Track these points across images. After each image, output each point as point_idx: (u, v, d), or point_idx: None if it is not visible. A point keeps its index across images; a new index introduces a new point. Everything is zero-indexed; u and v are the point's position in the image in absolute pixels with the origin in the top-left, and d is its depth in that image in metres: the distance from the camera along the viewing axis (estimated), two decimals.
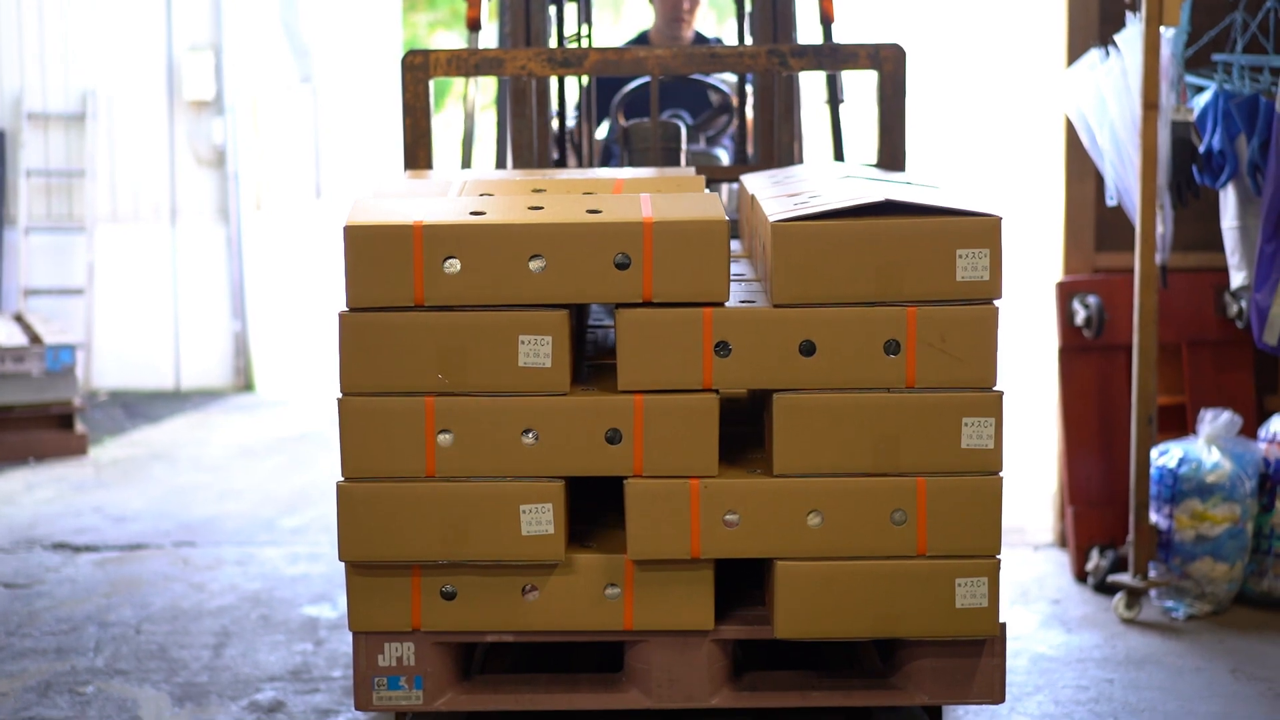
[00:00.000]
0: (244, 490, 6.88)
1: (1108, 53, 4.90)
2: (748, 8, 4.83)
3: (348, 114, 11.17)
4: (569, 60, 3.69)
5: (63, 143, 9.11)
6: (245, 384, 9.28)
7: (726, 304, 2.73)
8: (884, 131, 3.58)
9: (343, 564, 2.76)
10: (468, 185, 3.07)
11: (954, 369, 2.72)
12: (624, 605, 2.80)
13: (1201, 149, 4.83)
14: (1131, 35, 4.76)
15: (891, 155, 3.58)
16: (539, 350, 2.70)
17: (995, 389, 2.74)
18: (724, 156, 5.16)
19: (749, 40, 4.80)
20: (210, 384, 9.29)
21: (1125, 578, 4.78)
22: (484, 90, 5.59)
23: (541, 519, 2.73)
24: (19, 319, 8.24)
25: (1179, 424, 5.29)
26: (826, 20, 4.40)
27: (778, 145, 4.35)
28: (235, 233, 9.13)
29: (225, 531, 6.09)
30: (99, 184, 9.10)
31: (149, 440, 7.99)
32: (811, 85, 5.81)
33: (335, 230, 10.39)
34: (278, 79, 9.62)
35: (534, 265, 2.69)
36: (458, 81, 10.60)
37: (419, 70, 3.56)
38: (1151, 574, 4.81)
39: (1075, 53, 5.26)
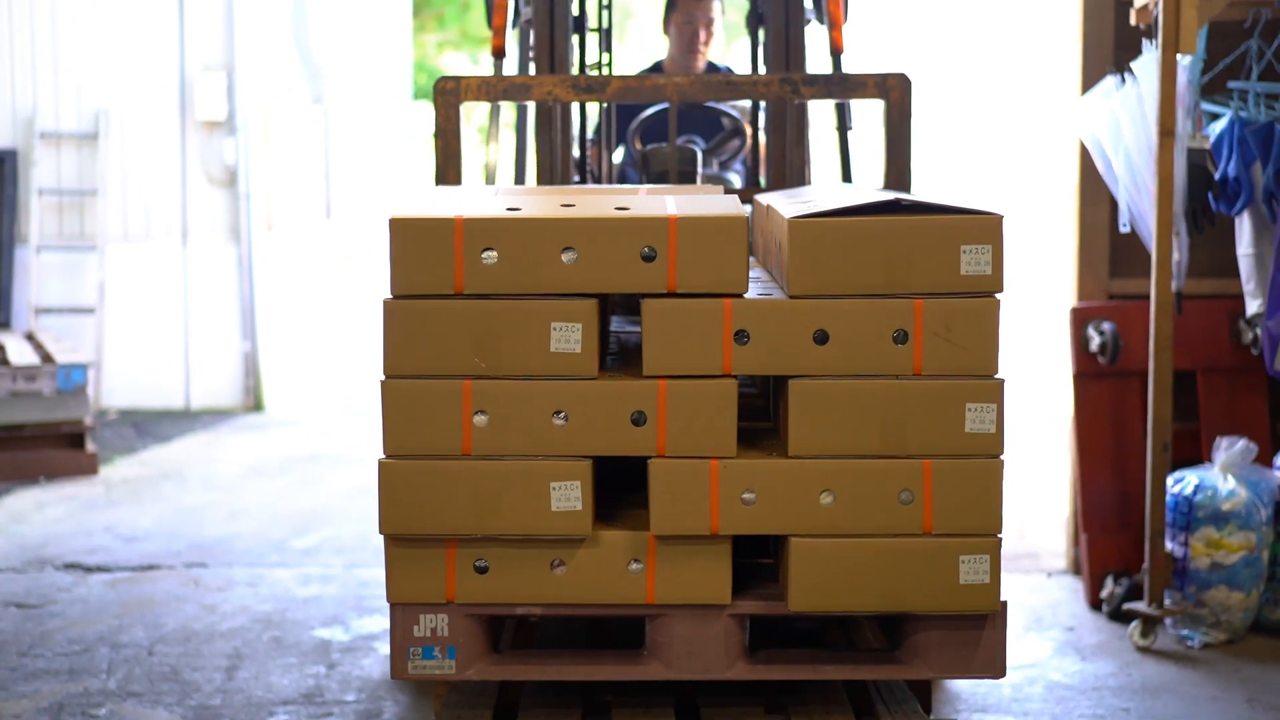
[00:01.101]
0: (254, 510, 7.08)
1: (1123, 79, 5.04)
2: (761, 38, 5.15)
3: (359, 134, 11.49)
4: (592, 87, 4.02)
5: (75, 162, 9.43)
6: (255, 404, 9.56)
7: (745, 295, 3.03)
8: (890, 156, 3.90)
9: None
10: (500, 194, 3.38)
11: (958, 357, 3.02)
12: (646, 580, 3.08)
13: (1217, 176, 4.95)
14: (1148, 62, 4.89)
15: (897, 179, 3.91)
16: (570, 336, 3.00)
17: (997, 376, 3.04)
18: (736, 180, 5.48)
19: (761, 68, 5.12)
20: (220, 404, 9.58)
21: (1140, 606, 4.87)
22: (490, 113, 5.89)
23: (570, 496, 3.03)
24: (30, 337, 8.54)
25: (1193, 451, 5.39)
26: (836, 52, 4.73)
27: (790, 168, 4.66)
28: (246, 252, 9.43)
29: (236, 552, 6.26)
30: (110, 203, 9.41)
31: (159, 459, 8.25)
32: (820, 112, 6.12)
33: (345, 250, 10.66)
34: (290, 99, 9.95)
35: (566, 257, 2.99)
36: (471, 107, 10.93)
37: (450, 95, 3.89)
38: (1167, 602, 4.90)
39: (1090, 79, 5.42)
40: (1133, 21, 5.06)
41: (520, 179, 5.16)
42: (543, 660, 3.21)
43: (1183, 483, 4.95)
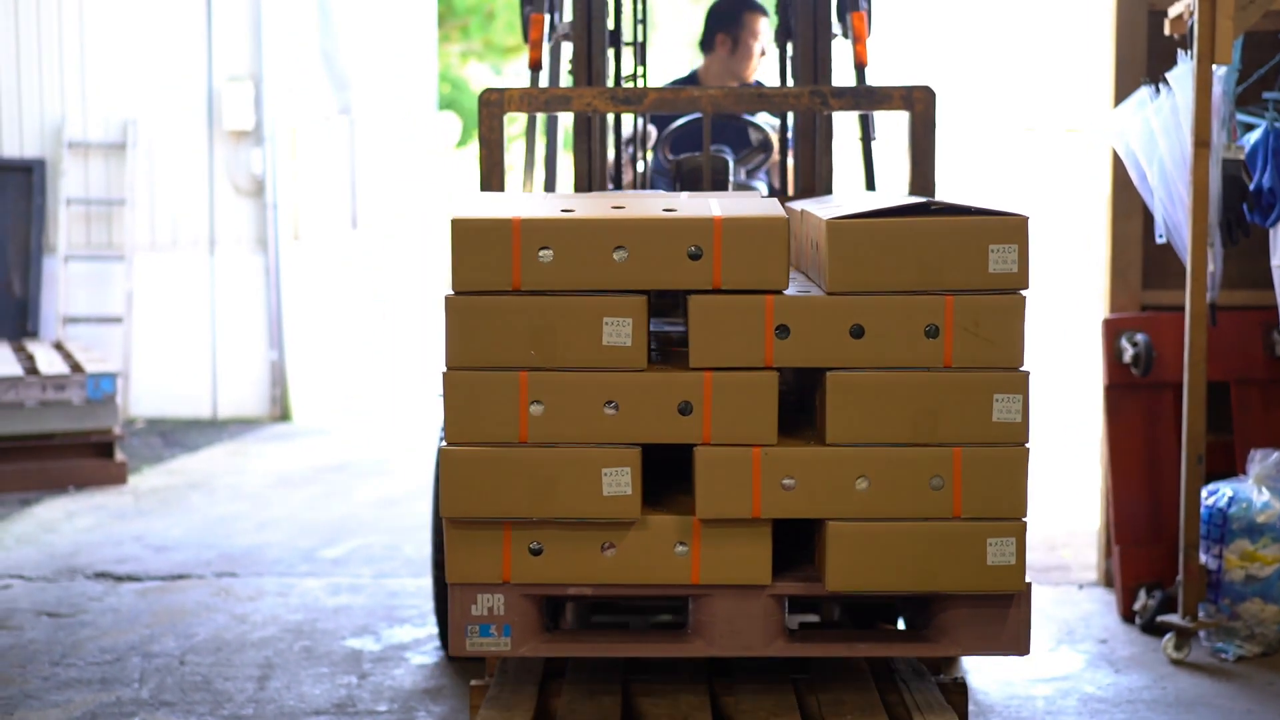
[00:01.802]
0: (283, 520, 7.30)
1: (1158, 90, 5.18)
2: (789, 52, 5.45)
3: (384, 145, 11.80)
4: (630, 98, 4.31)
5: (103, 172, 9.75)
6: (282, 413, 9.85)
7: (785, 292, 3.31)
8: (915, 165, 4.19)
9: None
10: (551, 198, 3.67)
11: (986, 351, 3.29)
12: (691, 561, 3.36)
13: (1251, 187, 5.08)
14: (1183, 73, 5.03)
15: (922, 187, 4.19)
16: (620, 331, 3.28)
17: (1022, 369, 3.31)
18: (761, 188, 5.76)
19: (789, 81, 5.41)
20: (246, 413, 9.87)
21: (1174, 618, 5.00)
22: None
23: (620, 481, 3.30)
24: (58, 347, 8.83)
25: (1226, 463, 5.52)
26: (860, 66, 5.02)
27: (817, 176, 4.95)
28: (273, 262, 9.73)
29: (265, 562, 6.47)
30: (138, 213, 9.73)
31: (187, 469, 8.51)
32: (843, 124, 6.40)
33: (372, 260, 10.93)
34: (316, 109, 10.25)
35: (617, 255, 3.28)
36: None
37: (495, 106, 4.18)
38: (1201, 615, 5.01)
39: (1122, 89, 5.57)
40: (1167, 32, 5.21)
41: (550, 186, 5.45)
42: (591, 638, 3.49)
43: (1217, 495, 5.07)
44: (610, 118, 5.40)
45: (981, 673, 4.90)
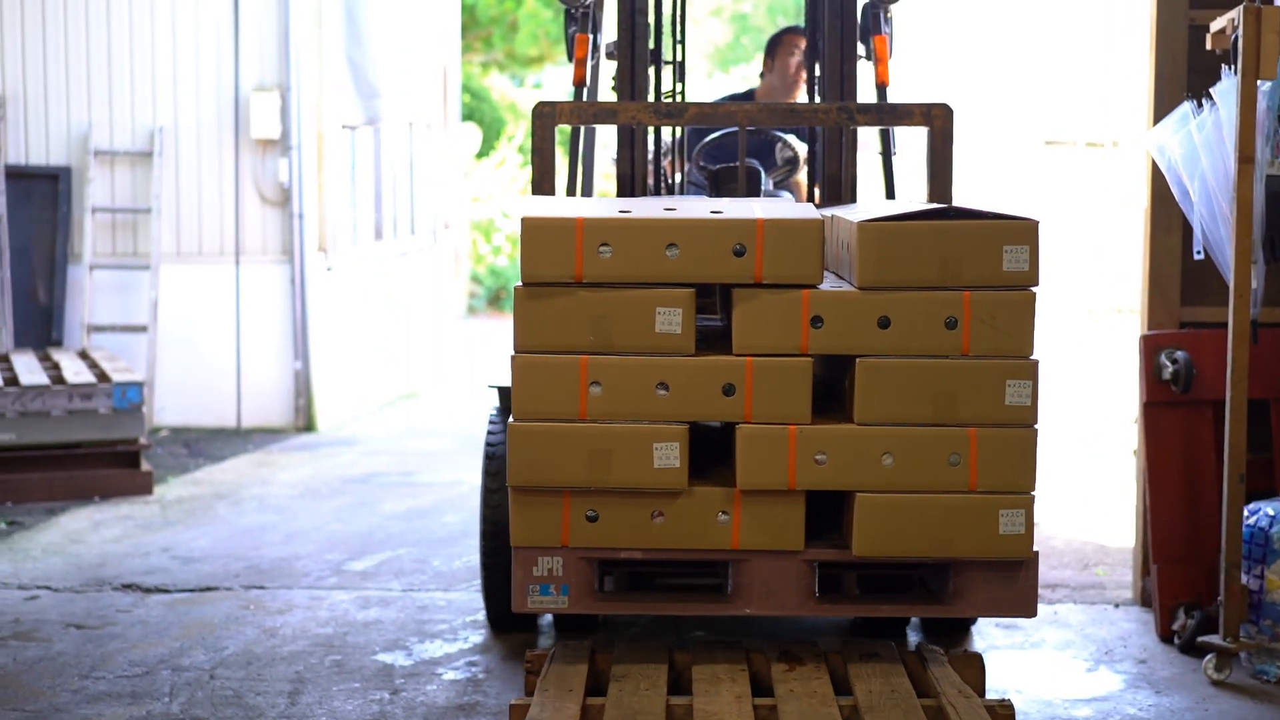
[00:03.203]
0: (310, 531, 7.62)
1: (1200, 105, 5.40)
2: (818, 72, 6.16)
3: (410, 155, 12.47)
4: (672, 112, 5.00)
5: (129, 180, 10.40)
6: (306, 423, 10.47)
7: (820, 287, 3.97)
8: (933, 175, 4.86)
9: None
10: (607, 202, 4.35)
11: (1000, 341, 3.96)
12: (732, 528, 4.02)
13: None
14: (1227, 87, 5.22)
15: (940, 195, 4.87)
16: (671, 320, 3.95)
17: (1032, 358, 3.98)
18: (789, 197, 6.46)
19: (817, 99, 6.13)
20: (271, 423, 10.48)
21: (1215, 639, 5.18)
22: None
23: (670, 455, 3.97)
24: (84, 355, 9.34)
25: (1265, 482, 5.74)
26: (881, 85, 5.72)
27: (843, 186, 5.64)
28: (298, 272, 10.36)
29: (294, 574, 6.74)
30: (164, 222, 10.35)
31: (213, 479, 8.89)
32: (865, 138, 7.12)
33: (396, 272, 11.58)
34: (343, 119, 10.91)
35: (669, 252, 3.95)
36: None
37: (547, 118, 4.87)
38: (1242, 636, 5.18)
39: (1161, 103, 5.84)
40: (1209, 46, 5.46)
41: (588, 191, 6.15)
42: (641, 598, 4.17)
43: (1258, 514, 5.28)
44: (650, 131, 6.09)
45: (1021, 694, 5.18)
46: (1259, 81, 5.07)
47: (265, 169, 10.39)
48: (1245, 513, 5.25)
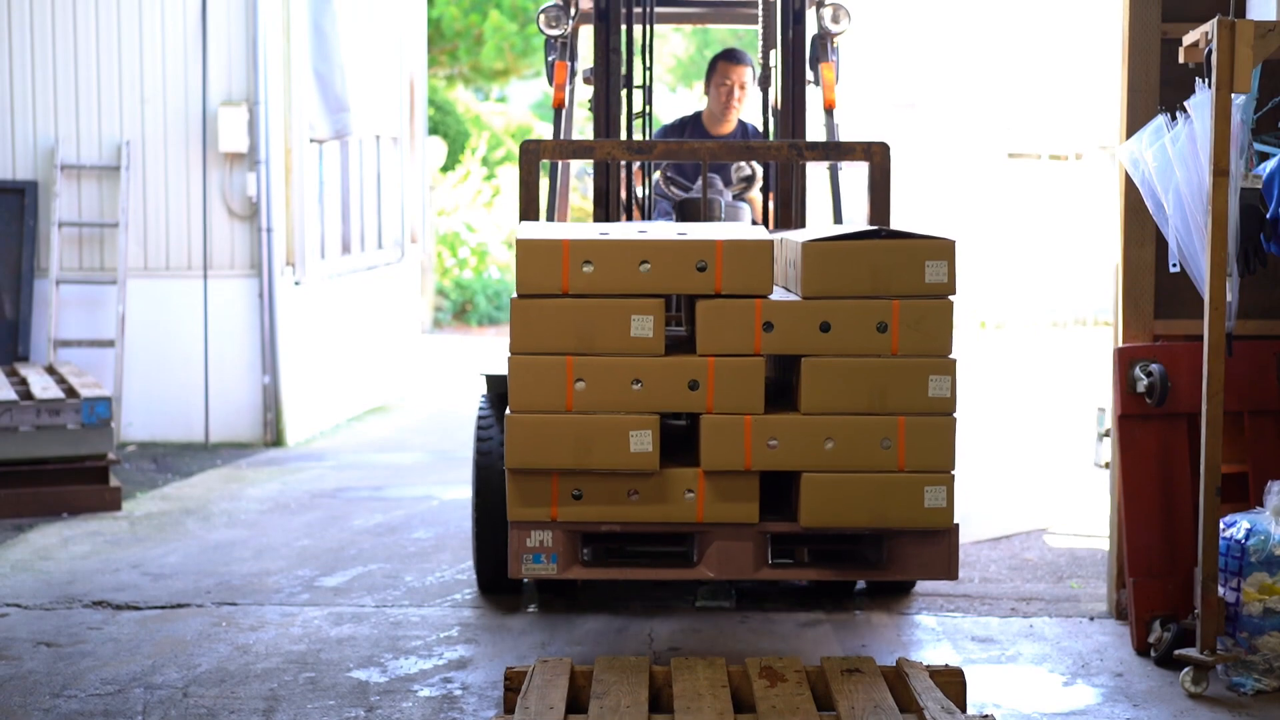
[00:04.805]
0: (281, 547, 8.07)
1: (1174, 118, 5.82)
2: (770, 96, 7.35)
3: (377, 169, 13.57)
4: (643, 149, 6.21)
5: (96, 194, 11.36)
6: (275, 438, 11.49)
7: (770, 297, 5.17)
8: (873, 203, 6.07)
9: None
10: (586, 226, 5.55)
11: (924, 342, 5.19)
12: (697, 504, 5.23)
13: (1269, 215, 5.60)
14: (1202, 100, 5.57)
15: (879, 219, 6.08)
16: (644, 325, 5.15)
17: (951, 357, 5.18)
18: (747, 210, 7.68)
19: (771, 120, 7.31)
20: (239, 437, 11.49)
21: (1192, 652, 5.53)
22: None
23: (644, 441, 5.17)
24: (51, 370, 10.06)
25: (1240, 493, 6.14)
26: (829, 109, 6.94)
27: (794, 207, 6.83)
28: (266, 286, 11.38)
29: (265, 590, 7.13)
30: (131, 236, 11.32)
31: (181, 495, 9.47)
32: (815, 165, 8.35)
33: (364, 285, 12.71)
34: (310, 133, 11.99)
35: (642, 268, 5.15)
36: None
37: (532, 155, 6.07)
38: (1219, 648, 5.53)
39: (1134, 116, 6.27)
40: (1181, 59, 5.90)
41: (564, 215, 7.38)
42: (619, 564, 5.38)
43: (1234, 527, 5.60)
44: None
45: (999, 708, 5.59)
46: (1233, 95, 5.48)
47: (233, 183, 11.32)
48: (1221, 525, 5.62)
